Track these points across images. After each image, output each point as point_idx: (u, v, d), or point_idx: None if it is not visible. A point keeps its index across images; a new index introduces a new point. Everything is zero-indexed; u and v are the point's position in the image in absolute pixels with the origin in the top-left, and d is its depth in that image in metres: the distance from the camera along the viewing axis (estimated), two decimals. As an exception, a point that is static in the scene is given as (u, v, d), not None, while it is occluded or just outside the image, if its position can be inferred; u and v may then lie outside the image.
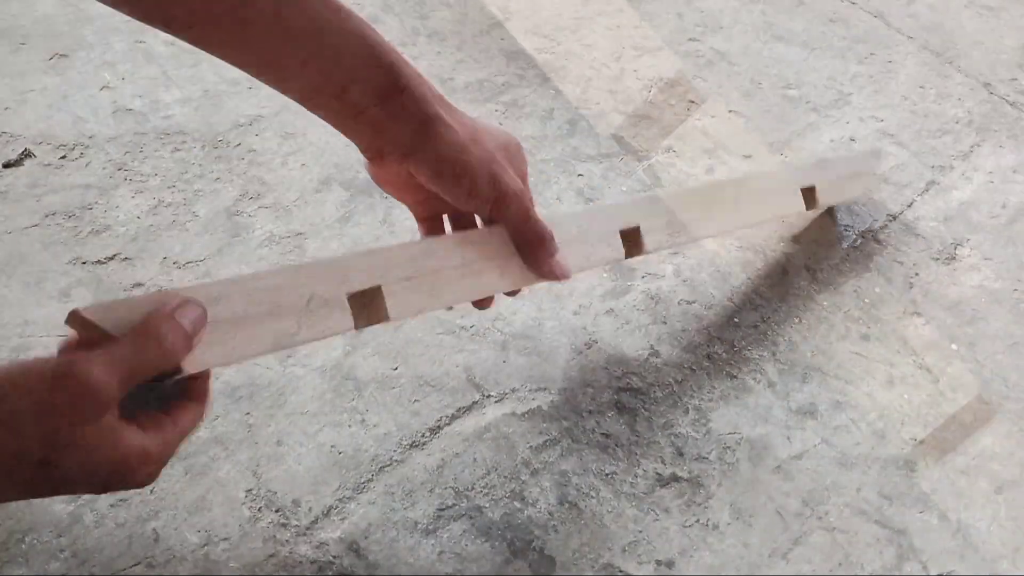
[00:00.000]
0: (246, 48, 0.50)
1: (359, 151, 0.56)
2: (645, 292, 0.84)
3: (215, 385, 0.71)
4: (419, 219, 0.62)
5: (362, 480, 0.67)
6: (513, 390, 0.75)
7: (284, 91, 0.52)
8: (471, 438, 0.71)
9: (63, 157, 0.84)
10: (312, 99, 0.52)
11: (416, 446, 0.70)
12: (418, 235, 0.62)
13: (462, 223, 0.62)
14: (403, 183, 0.57)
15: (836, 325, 0.85)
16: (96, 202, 0.81)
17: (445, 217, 0.62)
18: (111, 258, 0.77)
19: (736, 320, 0.83)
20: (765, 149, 1.01)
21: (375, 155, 0.55)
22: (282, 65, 0.50)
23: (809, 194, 0.85)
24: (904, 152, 1.04)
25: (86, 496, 0.63)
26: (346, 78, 0.50)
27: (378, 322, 0.53)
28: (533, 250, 0.58)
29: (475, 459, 0.70)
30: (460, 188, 0.54)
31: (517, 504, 0.68)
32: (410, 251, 0.55)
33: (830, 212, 0.95)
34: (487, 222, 0.59)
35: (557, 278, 0.60)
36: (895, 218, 0.96)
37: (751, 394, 0.78)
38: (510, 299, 0.80)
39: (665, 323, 0.82)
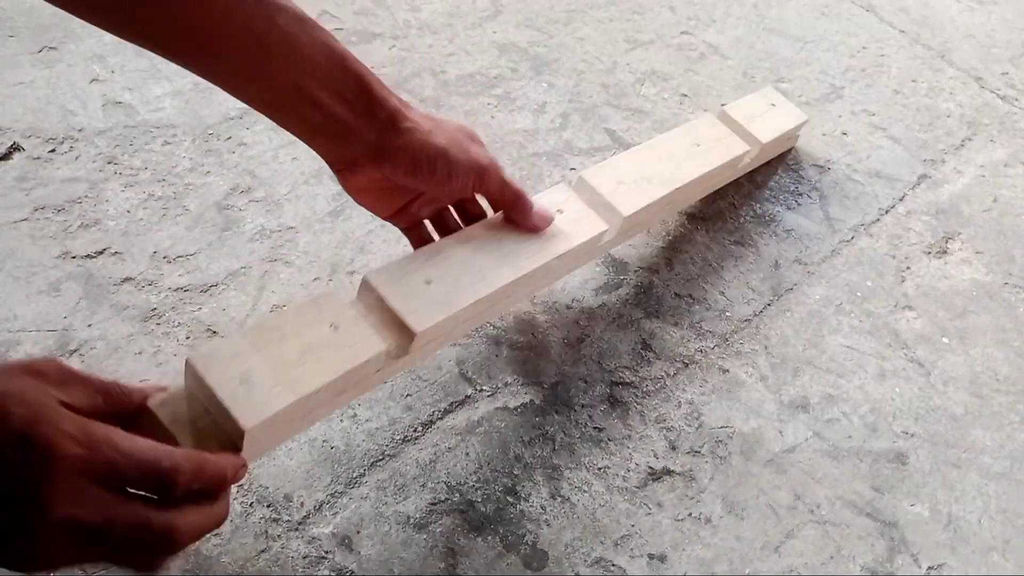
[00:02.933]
0: (224, 63, 0.51)
1: (330, 167, 0.57)
2: (637, 286, 0.84)
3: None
4: (404, 228, 0.65)
5: (354, 475, 0.67)
6: (506, 384, 0.74)
7: (257, 104, 0.53)
8: (463, 432, 0.71)
9: (52, 151, 0.83)
10: (285, 110, 0.53)
11: (408, 440, 0.70)
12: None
13: (444, 222, 0.66)
14: (377, 190, 0.59)
15: (828, 319, 0.85)
16: (86, 196, 0.80)
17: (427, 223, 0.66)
18: (101, 252, 0.77)
19: (728, 314, 0.83)
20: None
21: (346, 165, 0.56)
22: (258, 77, 0.51)
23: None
24: (896, 146, 1.04)
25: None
26: (317, 85, 0.52)
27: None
28: (516, 210, 0.63)
29: (467, 454, 0.70)
30: (438, 174, 0.56)
31: (509, 498, 0.68)
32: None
33: (824, 207, 0.95)
34: (465, 202, 0.64)
35: (541, 227, 0.65)
36: (887, 212, 0.96)
37: (743, 388, 0.78)
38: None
39: (657, 317, 0.82)
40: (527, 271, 0.65)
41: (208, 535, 0.62)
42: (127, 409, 0.44)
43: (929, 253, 0.93)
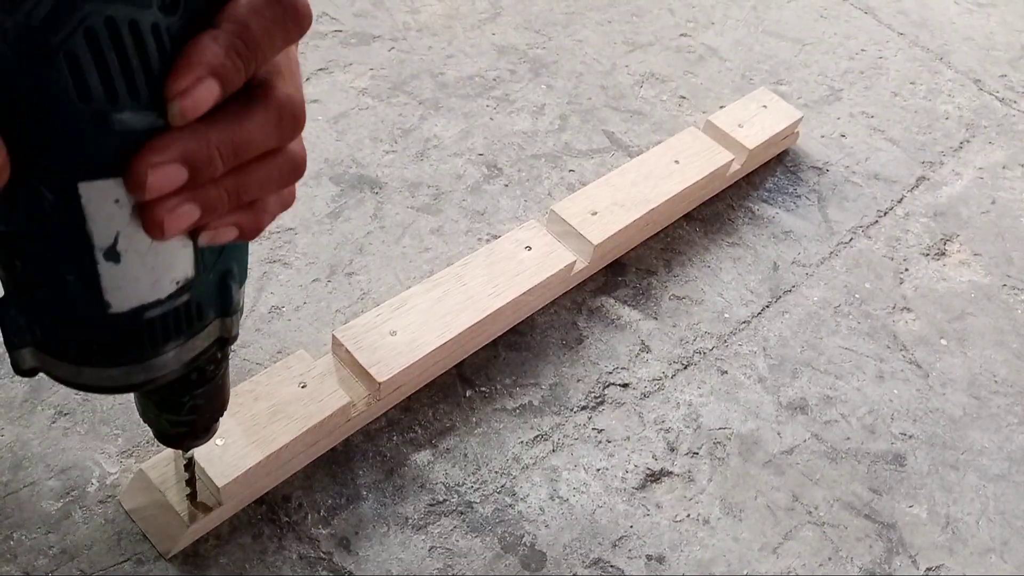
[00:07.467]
0: None
1: None
2: (636, 287, 0.84)
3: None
4: None
5: (352, 476, 0.67)
6: (504, 385, 0.74)
7: None
8: (462, 433, 0.71)
9: (51, 152, 0.83)
10: None
11: (406, 442, 0.70)
12: (407, 233, 0.63)
13: None
14: None
15: (826, 320, 0.85)
16: (84, 197, 0.80)
17: None
18: (100, 253, 0.77)
19: (726, 315, 0.83)
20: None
21: None
22: None
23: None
24: (894, 148, 1.04)
25: (74, 492, 0.62)
26: None
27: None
28: None
29: (466, 454, 0.70)
30: None
31: (508, 499, 0.68)
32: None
33: (822, 209, 0.95)
34: None
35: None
36: (885, 213, 0.96)
37: (741, 389, 0.78)
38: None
39: (656, 318, 0.82)
40: (488, 313, 0.71)
41: (206, 536, 0.62)
42: None
43: (927, 255, 0.93)
